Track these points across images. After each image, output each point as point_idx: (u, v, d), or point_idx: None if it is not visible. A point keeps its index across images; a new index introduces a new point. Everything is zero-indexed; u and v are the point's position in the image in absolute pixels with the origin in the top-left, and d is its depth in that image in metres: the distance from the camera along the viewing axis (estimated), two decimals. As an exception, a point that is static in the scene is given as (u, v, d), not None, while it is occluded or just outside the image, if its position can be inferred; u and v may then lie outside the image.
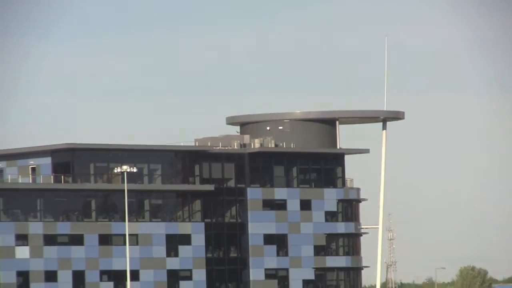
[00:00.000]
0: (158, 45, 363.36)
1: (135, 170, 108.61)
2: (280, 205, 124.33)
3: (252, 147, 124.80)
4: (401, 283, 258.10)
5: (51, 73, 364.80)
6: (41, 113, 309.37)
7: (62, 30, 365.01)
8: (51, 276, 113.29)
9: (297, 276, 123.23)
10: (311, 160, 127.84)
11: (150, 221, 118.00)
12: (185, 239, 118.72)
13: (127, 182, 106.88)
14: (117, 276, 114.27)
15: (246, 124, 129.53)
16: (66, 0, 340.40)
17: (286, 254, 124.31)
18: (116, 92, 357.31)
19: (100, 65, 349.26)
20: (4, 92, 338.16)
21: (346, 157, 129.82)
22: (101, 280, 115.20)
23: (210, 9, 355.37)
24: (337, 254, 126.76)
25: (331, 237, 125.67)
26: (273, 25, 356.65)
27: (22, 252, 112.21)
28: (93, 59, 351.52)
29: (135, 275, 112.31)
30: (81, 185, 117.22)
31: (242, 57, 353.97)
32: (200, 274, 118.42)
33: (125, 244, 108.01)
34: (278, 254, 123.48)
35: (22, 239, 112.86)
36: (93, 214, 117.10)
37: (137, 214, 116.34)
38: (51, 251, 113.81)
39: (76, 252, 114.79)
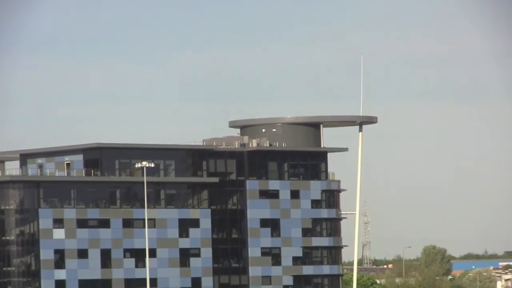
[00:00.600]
0: (174, 62, 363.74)
1: (152, 165, 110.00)
2: (274, 195, 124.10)
3: (250, 146, 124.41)
4: (374, 259, 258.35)
5: (81, 85, 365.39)
6: (74, 118, 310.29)
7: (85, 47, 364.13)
8: (82, 253, 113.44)
9: (288, 254, 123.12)
10: (299, 157, 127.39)
11: (165, 208, 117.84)
12: (194, 223, 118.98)
13: (146, 175, 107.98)
14: (138, 254, 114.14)
15: (245, 127, 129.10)
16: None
17: (279, 235, 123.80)
18: (137, 101, 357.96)
19: (122, 78, 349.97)
20: (43, 100, 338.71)
21: (329, 155, 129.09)
22: (124, 257, 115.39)
23: (218, 35, 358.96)
24: (321, 236, 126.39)
25: (316, 221, 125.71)
26: (269, 46, 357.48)
27: (59, 233, 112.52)
28: (117, 72, 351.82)
29: (152, 253, 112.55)
30: (108, 178, 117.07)
31: (243, 73, 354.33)
32: (207, 252, 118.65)
33: (144, 227, 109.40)
34: (272, 235, 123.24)
35: (58, 222, 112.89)
36: (118, 202, 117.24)
37: (154, 202, 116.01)
38: (83, 233, 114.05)
39: (104, 233, 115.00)
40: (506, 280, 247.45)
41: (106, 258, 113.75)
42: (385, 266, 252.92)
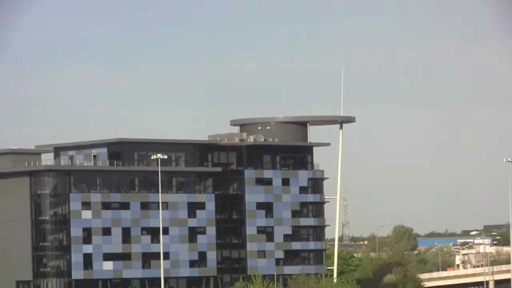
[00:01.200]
0: (187, 71, 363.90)
1: (166, 157, 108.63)
2: (268, 182, 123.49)
3: (248, 141, 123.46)
4: (352, 237, 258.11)
5: (105, 89, 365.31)
6: (100, 117, 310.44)
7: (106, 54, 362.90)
8: (106, 231, 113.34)
9: (279, 232, 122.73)
10: (289, 150, 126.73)
11: (176, 193, 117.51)
12: (201, 206, 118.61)
13: (160, 165, 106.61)
14: (153, 232, 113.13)
15: (244, 125, 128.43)
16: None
17: (272, 216, 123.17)
18: (153, 102, 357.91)
19: (141, 83, 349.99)
20: (73, 101, 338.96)
21: (314, 149, 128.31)
22: (141, 234, 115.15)
23: (224, 50, 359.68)
24: (307, 217, 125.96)
25: (303, 204, 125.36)
26: (264, 57, 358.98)
27: (86, 214, 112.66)
28: (135, 79, 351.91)
29: (165, 231, 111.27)
30: (128, 167, 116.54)
31: (243, 79, 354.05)
32: (211, 230, 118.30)
33: (158, 209, 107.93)
34: (266, 216, 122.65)
35: (86, 205, 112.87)
36: (136, 188, 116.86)
37: (167, 188, 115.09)
38: (106, 214, 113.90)
39: (124, 214, 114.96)
40: (463, 254, 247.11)
41: (126, 235, 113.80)
42: (361, 243, 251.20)
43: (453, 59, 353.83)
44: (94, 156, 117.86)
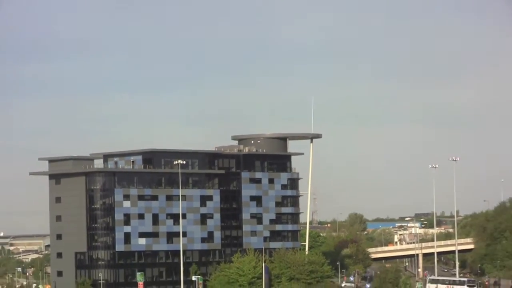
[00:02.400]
0: (200, 97, 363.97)
1: (184, 162, 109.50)
2: (258, 181, 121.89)
3: (244, 151, 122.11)
4: (319, 221, 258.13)
5: (137, 111, 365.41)
6: (136, 133, 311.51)
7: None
8: (141, 216, 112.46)
9: (267, 217, 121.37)
10: (274, 158, 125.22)
11: (192, 188, 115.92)
12: (210, 198, 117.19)
13: (180, 168, 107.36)
14: (175, 217, 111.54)
15: (241, 139, 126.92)
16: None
17: (261, 206, 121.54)
18: (175, 122, 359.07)
19: (165, 106, 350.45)
20: (115, 120, 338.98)
21: (292, 157, 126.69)
22: (166, 219, 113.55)
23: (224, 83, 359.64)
24: (287, 206, 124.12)
25: (284, 197, 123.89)
26: (255, 87, 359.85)
27: (126, 204, 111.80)
28: (161, 102, 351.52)
29: (184, 216, 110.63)
30: (157, 169, 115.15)
31: (241, 104, 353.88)
32: (217, 216, 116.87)
33: (179, 200, 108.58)
34: (257, 206, 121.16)
35: (126, 197, 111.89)
36: (163, 184, 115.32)
37: (185, 184, 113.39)
38: (141, 204, 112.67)
39: (154, 204, 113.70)
40: (400, 234, 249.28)
41: (155, 219, 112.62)
42: (326, 225, 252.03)
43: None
44: (133, 161, 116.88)
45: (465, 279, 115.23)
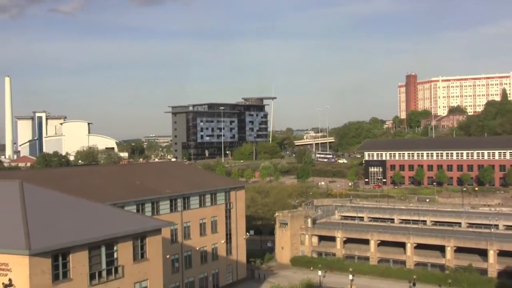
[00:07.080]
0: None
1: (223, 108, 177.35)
2: (251, 115, 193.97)
3: (246, 103, 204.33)
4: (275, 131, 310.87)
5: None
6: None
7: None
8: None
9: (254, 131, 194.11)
10: (258, 107, 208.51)
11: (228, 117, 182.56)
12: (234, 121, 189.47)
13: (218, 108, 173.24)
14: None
15: (246, 99, 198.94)
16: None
17: (253, 124, 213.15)
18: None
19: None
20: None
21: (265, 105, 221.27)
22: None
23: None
24: (263, 125, 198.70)
25: (262, 122, 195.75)
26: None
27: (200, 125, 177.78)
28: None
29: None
30: (216, 110, 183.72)
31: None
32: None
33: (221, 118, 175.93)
34: (252, 124, 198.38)
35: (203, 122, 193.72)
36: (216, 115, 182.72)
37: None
38: (211, 124, 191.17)
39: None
40: (306, 134, 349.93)
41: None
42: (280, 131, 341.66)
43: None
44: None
45: (330, 153, 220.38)
